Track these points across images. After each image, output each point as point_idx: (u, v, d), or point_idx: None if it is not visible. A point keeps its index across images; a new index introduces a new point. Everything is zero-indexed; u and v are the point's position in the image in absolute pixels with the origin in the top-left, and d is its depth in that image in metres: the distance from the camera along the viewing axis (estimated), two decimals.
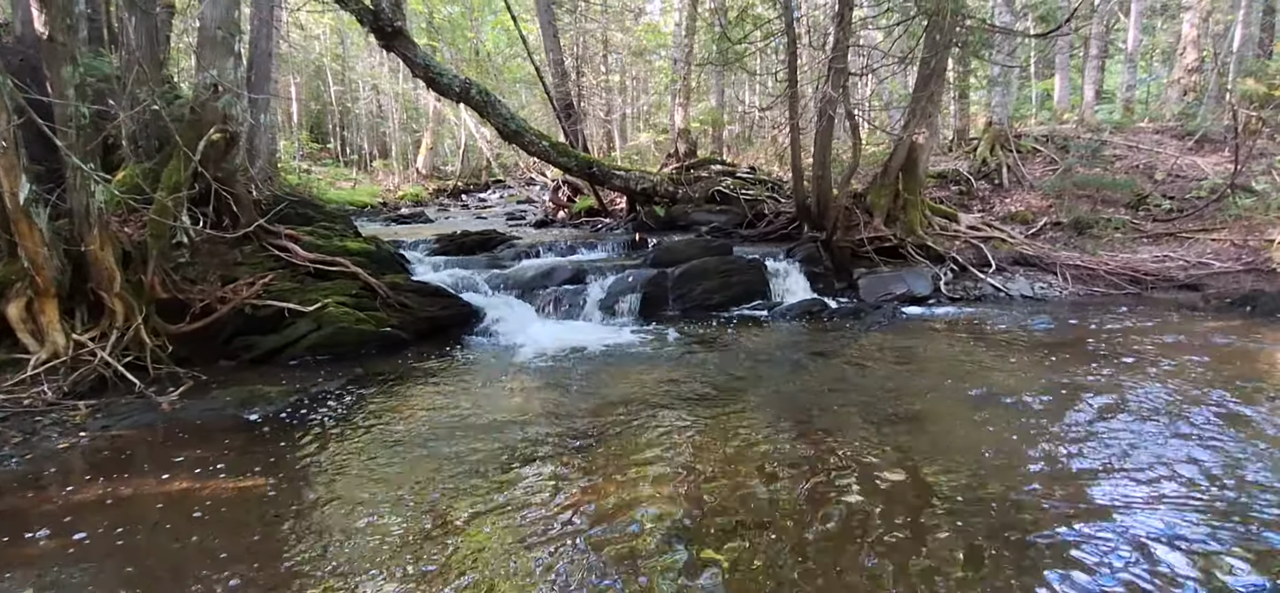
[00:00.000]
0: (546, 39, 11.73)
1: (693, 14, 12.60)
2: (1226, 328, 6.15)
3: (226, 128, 5.00)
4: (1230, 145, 10.78)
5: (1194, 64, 14.39)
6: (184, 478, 3.31)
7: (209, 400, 4.42)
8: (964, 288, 8.01)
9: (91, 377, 4.50)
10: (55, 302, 4.53)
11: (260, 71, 6.73)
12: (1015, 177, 11.61)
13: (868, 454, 3.46)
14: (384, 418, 4.12)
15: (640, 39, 20.30)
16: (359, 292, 5.83)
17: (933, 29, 7.75)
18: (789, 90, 8.29)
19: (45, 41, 4.00)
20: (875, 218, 8.66)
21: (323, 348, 5.41)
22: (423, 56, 8.23)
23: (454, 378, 5.02)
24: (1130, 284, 8.10)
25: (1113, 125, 13.16)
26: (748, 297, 7.43)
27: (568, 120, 11.42)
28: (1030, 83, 19.11)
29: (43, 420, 4.00)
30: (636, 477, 3.24)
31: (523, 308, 6.55)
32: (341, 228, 6.60)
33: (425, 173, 22.50)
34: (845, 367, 5.14)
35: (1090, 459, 3.37)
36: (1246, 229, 8.99)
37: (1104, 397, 4.27)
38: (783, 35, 8.32)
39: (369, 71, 23.19)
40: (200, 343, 5.19)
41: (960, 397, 4.40)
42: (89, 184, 4.30)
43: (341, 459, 3.53)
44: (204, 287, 5.28)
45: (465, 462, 3.44)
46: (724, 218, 10.31)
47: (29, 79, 4.75)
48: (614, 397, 4.46)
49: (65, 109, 4.04)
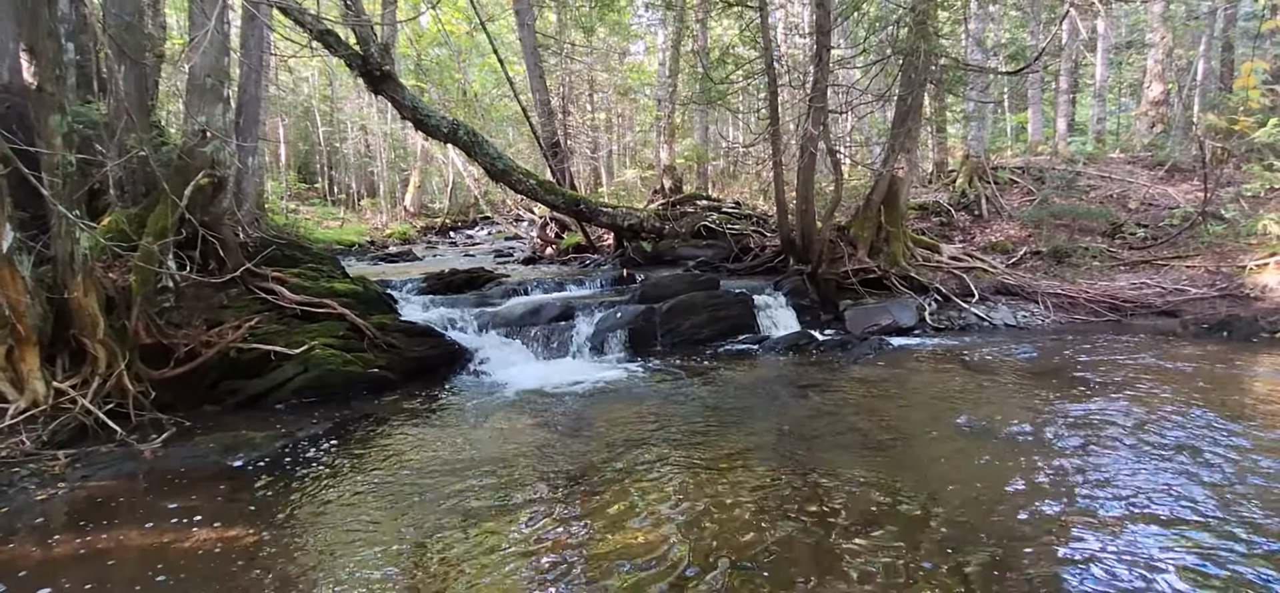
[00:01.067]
0: (533, 80, 11.95)
1: (676, 55, 12.91)
2: (1205, 353, 6.27)
3: (214, 173, 5.02)
4: (1199, 174, 11.14)
5: (1160, 97, 14.92)
6: (165, 529, 3.23)
7: (192, 447, 4.34)
8: (948, 318, 8.13)
9: (71, 425, 4.41)
10: (36, 349, 4.46)
11: (248, 116, 6.78)
12: (994, 207, 11.88)
13: (858, 488, 3.47)
14: (371, 462, 4.07)
15: (625, 78, 20.70)
16: (346, 333, 5.80)
17: (908, 68, 8.00)
18: (771, 128, 8.49)
19: (34, 91, 4.02)
20: (859, 250, 8.81)
21: (309, 391, 5.36)
22: (411, 99, 8.34)
23: (442, 419, 4.98)
24: (1110, 311, 8.26)
25: (1086, 156, 13.55)
26: (736, 331, 7.48)
27: (555, 159, 11.56)
28: (1004, 116, 19.67)
29: (20, 472, 3.90)
30: (627, 516, 3.22)
31: (511, 346, 6.55)
32: (329, 269, 6.58)
33: (413, 211, 22.56)
34: (834, 400, 5.17)
35: (1080, 488, 3.41)
36: (1219, 256, 9.23)
37: (1090, 425, 4.33)
38: (763, 75, 8.55)
39: (357, 112, 23.38)
40: (184, 388, 5.12)
41: (949, 428, 4.44)
42: (74, 231, 4.28)
43: (327, 506, 3.48)
44: (189, 331, 5.23)
45: (454, 505, 3.40)
46: (710, 252, 10.42)
47: (15, 126, 4.75)
48: (604, 435, 4.44)
49: (52, 158, 4.04)
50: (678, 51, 12.91)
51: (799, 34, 13.11)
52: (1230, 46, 15.05)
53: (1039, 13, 13.58)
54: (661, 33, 14.16)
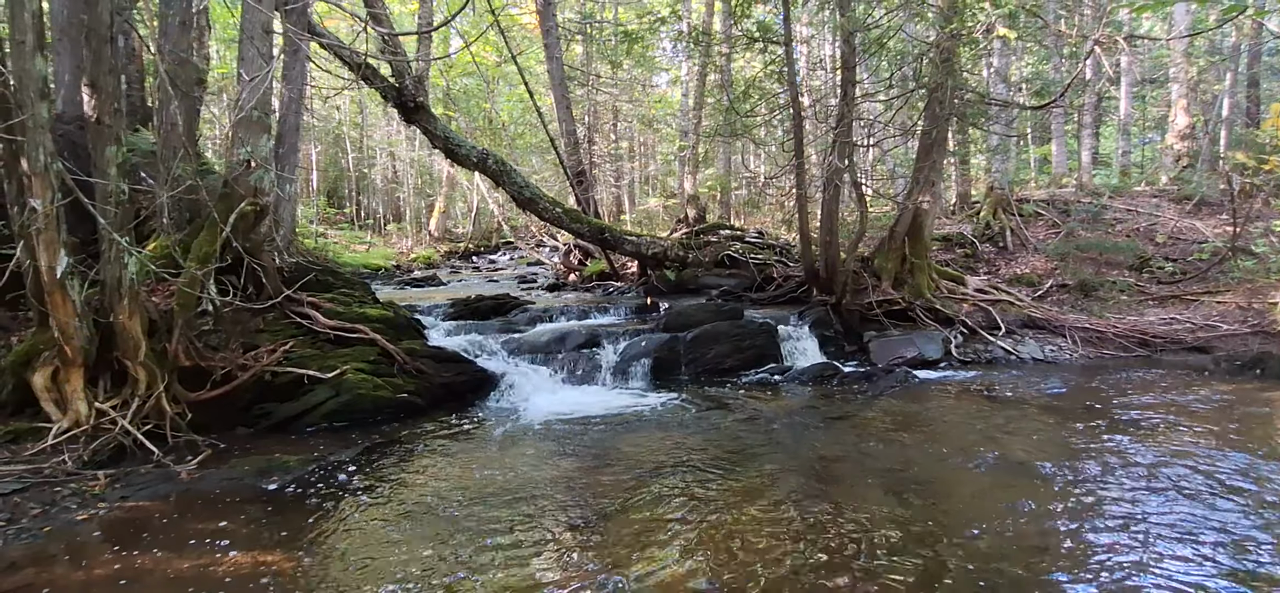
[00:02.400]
0: (560, 111, 12.20)
1: (701, 88, 13.10)
2: (1239, 391, 6.13)
3: (257, 201, 5.19)
4: (1227, 209, 10.98)
5: (1186, 130, 14.79)
6: (202, 552, 3.29)
7: (227, 469, 4.42)
8: (975, 351, 8.04)
9: (111, 445, 4.52)
10: (81, 371, 4.60)
11: (288, 144, 7.00)
12: (1019, 240, 11.78)
13: (885, 526, 3.43)
14: (402, 487, 4.12)
15: (649, 108, 21.00)
16: (377, 358, 5.90)
17: (933, 103, 8.05)
18: (795, 161, 8.55)
19: (92, 123, 4.21)
20: (883, 281, 8.77)
21: (340, 415, 5.44)
22: (442, 129, 8.56)
23: (471, 445, 5.03)
24: (1139, 347, 8.11)
25: (1111, 190, 13.43)
26: (760, 361, 7.47)
27: (580, 187, 11.73)
28: (1028, 148, 19.59)
29: (62, 491, 4.00)
30: (655, 547, 3.22)
31: (537, 373, 6.60)
32: (360, 294, 6.72)
33: (437, 235, 22.93)
34: (860, 433, 5.13)
35: (1111, 531, 3.34)
36: (1250, 292, 9.05)
37: (1121, 465, 4.25)
38: (787, 108, 8.65)
39: (386, 139, 23.96)
40: (219, 410, 5.23)
41: (977, 465, 4.38)
42: (123, 257, 4.44)
43: (359, 531, 3.52)
44: (225, 354, 5.36)
45: (483, 532, 3.43)
46: (733, 282, 10.44)
47: (66, 153, 4.97)
48: (631, 464, 4.45)
49: (107, 187, 4.22)
50: (703, 85, 13.10)
51: (822, 68, 13.26)
52: (1256, 82, 14.92)
53: (1062, 47, 13.61)
54: (686, 65, 14.41)
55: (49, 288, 4.22)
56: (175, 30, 5.28)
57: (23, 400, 4.69)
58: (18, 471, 4.07)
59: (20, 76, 3.44)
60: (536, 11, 12.77)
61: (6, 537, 3.41)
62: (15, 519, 3.58)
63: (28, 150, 3.60)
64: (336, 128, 22.89)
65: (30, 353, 4.60)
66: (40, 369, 4.54)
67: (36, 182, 3.72)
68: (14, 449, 4.37)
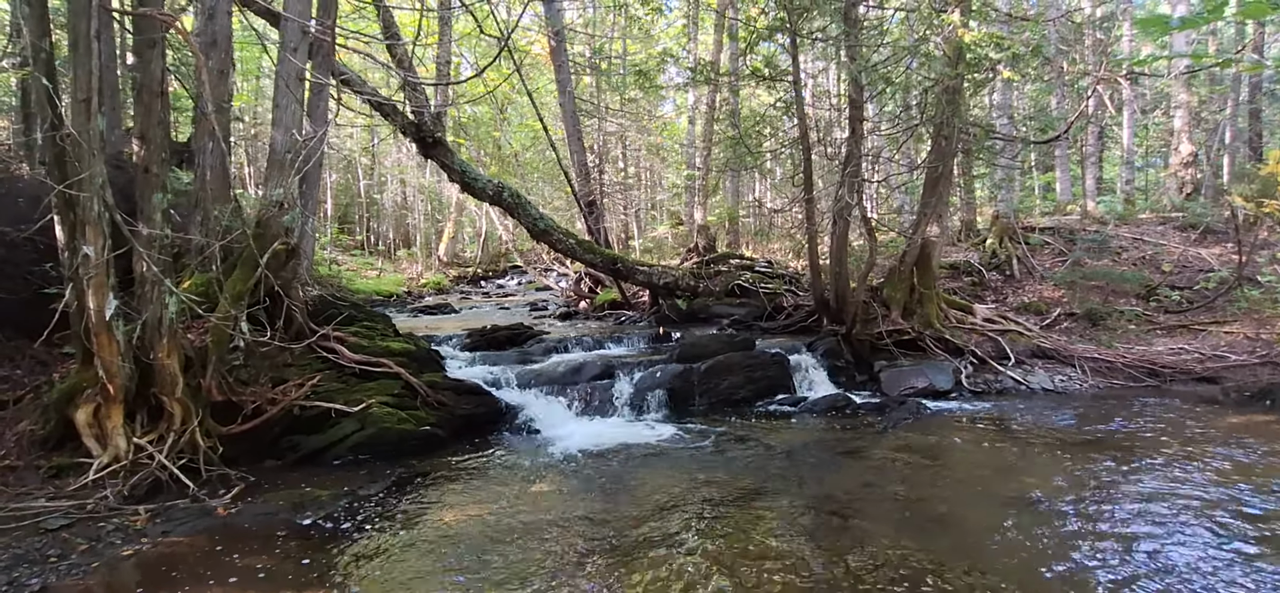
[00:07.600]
0: (571, 142, 12.46)
1: (710, 119, 13.38)
2: (1250, 423, 6.21)
3: (288, 240, 5.38)
4: (1233, 238, 11.09)
5: (1189, 158, 14.95)
6: (244, 588, 3.42)
7: (262, 504, 4.56)
8: (985, 381, 8.13)
9: (148, 480, 4.67)
10: (121, 407, 4.77)
11: (310, 180, 7.21)
12: (1025, 268, 11.91)
13: (902, 562, 3.53)
14: (429, 522, 4.24)
15: (656, 136, 21.34)
16: (400, 391, 6.05)
17: (939, 138, 8.25)
18: (805, 194, 8.74)
19: (140, 172, 4.42)
20: (893, 311, 8.90)
21: (365, 447, 5.58)
22: (459, 163, 8.80)
23: (492, 478, 5.15)
24: (1148, 376, 8.18)
25: (1116, 217, 13.57)
26: (772, 391, 7.58)
27: (591, 216, 11.95)
28: (1032, 175, 19.79)
29: (106, 526, 4.14)
30: (676, 582, 3.33)
31: (554, 404, 6.73)
32: (382, 327, 6.89)
33: (447, 260, 23.19)
34: (876, 468, 5.23)
35: (1125, 566, 3.43)
36: (1258, 322, 9.14)
37: (1134, 498, 4.34)
38: (796, 144, 8.86)
39: (396, 165, 24.35)
40: (249, 443, 5.38)
41: (989, 498, 4.47)
42: (165, 297, 4.63)
43: (392, 566, 3.64)
44: (256, 389, 5.52)
45: (508, 567, 3.54)
46: (744, 311, 10.59)
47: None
48: (649, 497, 4.57)
49: (152, 232, 4.42)
50: (712, 117, 13.38)
51: (830, 99, 13.53)
52: (1258, 113, 15.12)
53: (1064, 80, 13.85)
54: (692, 94, 14.70)
55: (96, 328, 4.40)
56: (215, 78, 5.52)
57: (64, 436, 4.85)
58: (64, 506, 4.22)
59: (81, 133, 3.64)
60: (550, 50, 13.10)
61: (59, 573, 3.54)
62: (66, 555, 3.72)
63: (84, 203, 3.80)
64: (349, 154, 23.29)
65: (73, 390, 4.77)
66: (83, 406, 4.71)
67: (90, 230, 3.92)
68: (58, 484, 4.53)
